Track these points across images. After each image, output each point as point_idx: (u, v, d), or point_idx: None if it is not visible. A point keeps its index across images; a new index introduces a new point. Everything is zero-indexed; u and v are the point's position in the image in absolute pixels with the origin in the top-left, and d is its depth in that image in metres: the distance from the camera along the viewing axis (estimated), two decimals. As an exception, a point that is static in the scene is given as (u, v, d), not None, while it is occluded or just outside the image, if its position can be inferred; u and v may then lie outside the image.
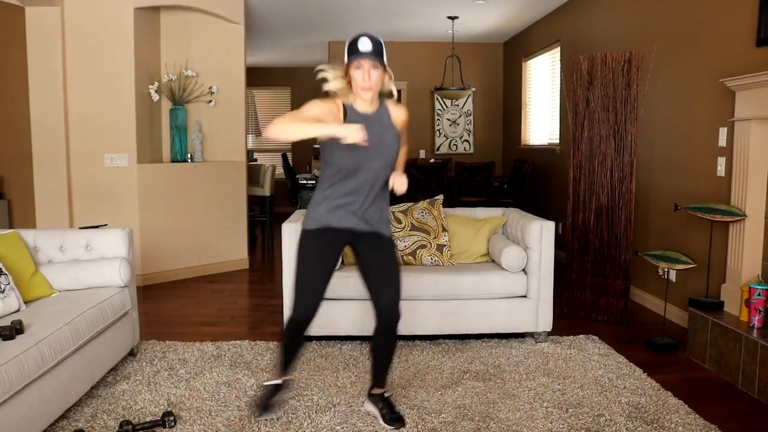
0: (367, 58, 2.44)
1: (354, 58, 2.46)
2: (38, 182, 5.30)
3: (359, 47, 2.44)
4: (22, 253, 3.23)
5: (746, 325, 3.41)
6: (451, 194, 7.12)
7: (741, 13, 3.73)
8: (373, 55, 2.44)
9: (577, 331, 4.18)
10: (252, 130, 11.20)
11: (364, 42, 2.45)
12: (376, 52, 2.46)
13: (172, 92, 5.78)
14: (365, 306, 3.75)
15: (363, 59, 2.45)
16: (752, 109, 3.56)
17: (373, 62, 2.46)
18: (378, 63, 2.47)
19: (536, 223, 3.86)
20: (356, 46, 2.45)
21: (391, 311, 2.68)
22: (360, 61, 2.45)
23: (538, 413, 2.93)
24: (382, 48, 2.49)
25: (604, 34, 5.66)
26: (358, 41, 2.46)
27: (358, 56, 2.45)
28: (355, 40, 2.47)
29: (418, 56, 8.95)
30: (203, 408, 2.97)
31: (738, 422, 2.90)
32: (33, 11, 5.15)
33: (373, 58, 2.44)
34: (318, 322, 3.72)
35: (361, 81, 2.47)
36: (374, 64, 2.46)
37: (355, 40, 2.47)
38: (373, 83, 2.49)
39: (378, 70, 2.48)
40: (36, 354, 2.50)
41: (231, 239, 6.14)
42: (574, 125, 4.58)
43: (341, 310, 3.74)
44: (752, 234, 3.62)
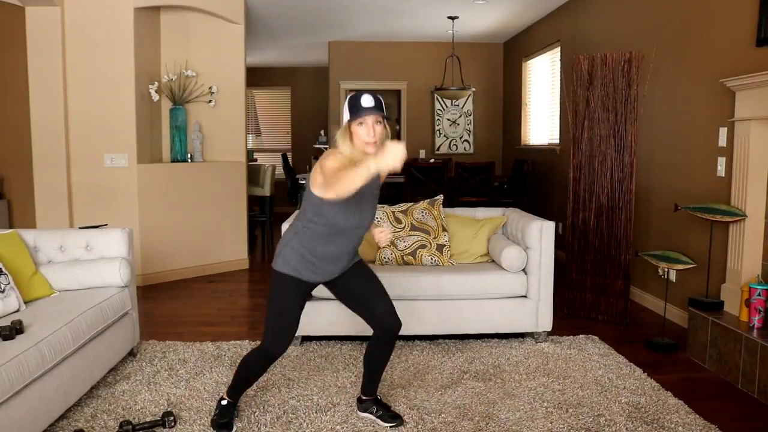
0: (371, 114, 2.42)
1: (357, 114, 2.42)
2: (38, 182, 5.30)
3: (362, 104, 2.42)
4: (22, 253, 3.23)
5: (746, 325, 3.41)
6: (451, 194, 7.12)
7: (741, 14, 3.73)
8: (376, 110, 2.42)
9: (577, 331, 4.18)
10: (252, 130, 11.21)
11: (366, 99, 2.43)
12: (379, 107, 2.44)
13: (172, 92, 5.78)
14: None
15: (367, 115, 2.42)
16: (752, 109, 3.56)
17: (377, 117, 2.43)
18: (380, 117, 2.45)
19: (536, 223, 3.86)
20: (359, 103, 2.43)
21: (391, 318, 2.70)
22: (364, 117, 2.42)
23: (538, 413, 2.93)
24: (383, 104, 2.48)
25: (604, 34, 5.66)
26: (361, 98, 2.43)
27: (361, 112, 2.41)
28: (357, 97, 2.45)
29: (418, 56, 8.95)
30: (203, 408, 2.97)
31: (738, 422, 2.90)
32: (33, 11, 5.15)
33: (376, 113, 2.42)
34: (318, 323, 3.76)
35: (365, 136, 2.43)
36: (377, 119, 2.44)
37: (357, 97, 2.45)
38: (377, 138, 2.45)
39: (380, 125, 2.46)
40: (36, 354, 2.50)
41: (231, 239, 6.14)
42: (574, 125, 4.58)
43: (341, 310, 3.73)
44: (752, 234, 3.62)
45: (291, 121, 11.42)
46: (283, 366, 3.51)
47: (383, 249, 4.06)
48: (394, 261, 4.06)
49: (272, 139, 11.55)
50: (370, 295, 2.72)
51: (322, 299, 3.76)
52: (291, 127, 11.41)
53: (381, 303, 2.70)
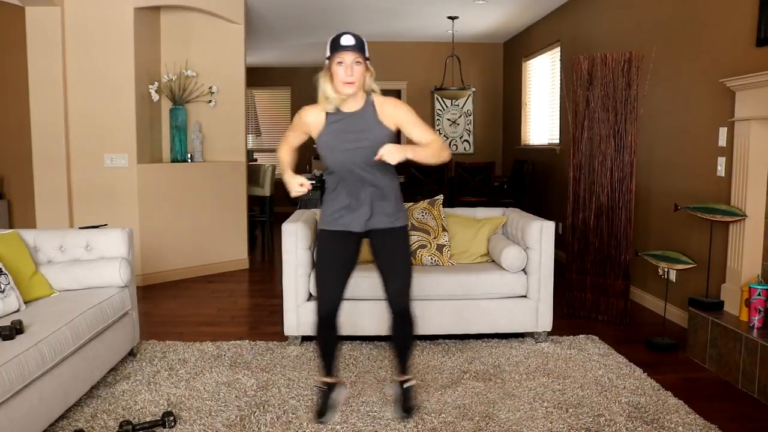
0: (350, 52, 2.41)
1: (336, 52, 2.42)
2: (38, 182, 5.30)
3: (341, 42, 2.42)
4: (22, 253, 3.23)
5: (746, 325, 3.41)
6: (451, 194, 7.12)
7: (741, 13, 3.73)
8: (355, 48, 2.41)
9: (577, 331, 4.18)
10: (252, 130, 11.20)
11: (346, 37, 2.43)
12: (358, 46, 2.43)
13: (172, 92, 5.78)
14: (364, 306, 3.76)
15: (345, 53, 2.41)
16: (752, 109, 3.56)
17: (356, 56, 2.42)
18: (360, 57, 2.43)
19: (536, 223, 3.86)
20: (338, 42, 2.42)
21: (398, 300, 2.70)
22: (342, 54, 2.42)
23: (538, 413, 2.93)
24: (364, 44, 2.47)
25: (604, 34, 5.66)
26: (341, 37, 2.43)
27: (340, 50, 2.41)
28: (337, 36, 2.45)
29: (418, 56, 8.95)
30: (203, 408, 2.97)
31: (738, 422, 2.90)
32: (33, 11, 5.15)
33: (355, 51, 2.41)
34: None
35: (343, 76, 2.43)
36: (356, 58, 2.43)
37: (337, 36, 2.45)
38: (355, 78, 2.45)
39: (360, 65, 2.45)
40: (36, 354, 2.50)
41: (231, 239, 6.14)
42: (574, 125, 4.58)
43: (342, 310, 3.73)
44: (752, 234, 3.62)
45: (291, 121, 11.38)
46: (283, 366, 3.51)
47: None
48: (394, 261, 4.05)
49: (272, 139, 11.55)
50: (388, 270, 2.69)
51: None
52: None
53: (393, 281, 2.68)
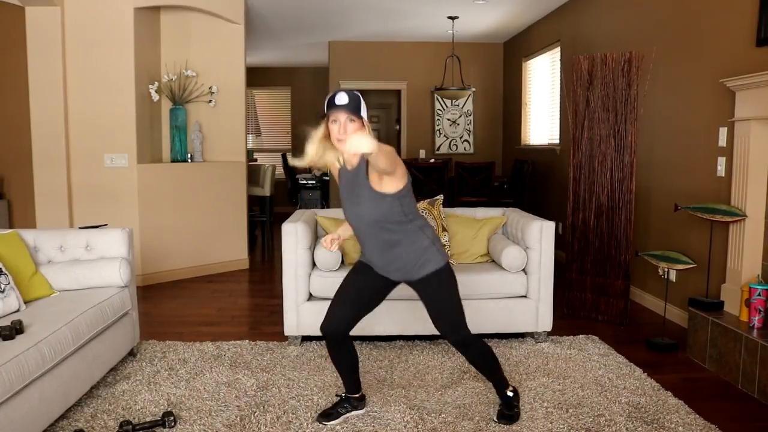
0: (343, 111, 2.43)
1: (331, 111, 2.46)
2: (38, 182, 5.30)
3: (336, 101, 2.45)
4: (22, 253, 3.23)
5: (746, 325, 3.41)
6: (451, 194, 7.12)
7: (741, 13, 3.73)
8: (348, 108, 2.43)
9: (577, 331, 4.18)
10: (252, 130, 11.21)
11: (340, 96, 2.46)
12: (353, 106, 2.45)
13: (172, 92, 5.78)
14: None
15: (339, 112, 2.44)
16: (752, 109, 3.56)
17: (349, 115, 2.44)
18: (354, 116, 2.45)
19: (536, 223, 3.86)
20: (333, 100, 2.46)
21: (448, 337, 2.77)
22: (336, 114, 2.45)
23: (538, 413, 2.93)
24: (360, 102, 2.49)
25: (604, 34, 5.66)
26: (336, 96, 2.47)
27: (334, 110, 2.45)
28: (333, 94, 2.49)
29: (418, 56, 8.95)
30: (203, 408, 2.97)
31: (738, 422, 2.90)
32: (33, 11, 5.15)
33: (348, 111, 2.43)
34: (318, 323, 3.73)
35: (335, 133, 2.46)
36: (350, 117, 2.45)
37: (333, 94, 2.49)
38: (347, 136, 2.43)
39: (354, 123, 2.46)
40: (36, 354, 2.50)
41: (231, 239, 6.14)
42: (574, 125, 4.58)
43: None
44: (752, 234, 3.62)
45: (291, 121, 11.42)
46: (283, 366, 3.51)
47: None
48: (394, 261, 4.05)
49: (272, 139, 11.55)
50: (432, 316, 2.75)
51: (322, 299, 3.76)
52: (291, 127, 11.41)
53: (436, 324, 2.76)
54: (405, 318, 3.74)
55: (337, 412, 2.87)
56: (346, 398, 2.91)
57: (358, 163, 2.58)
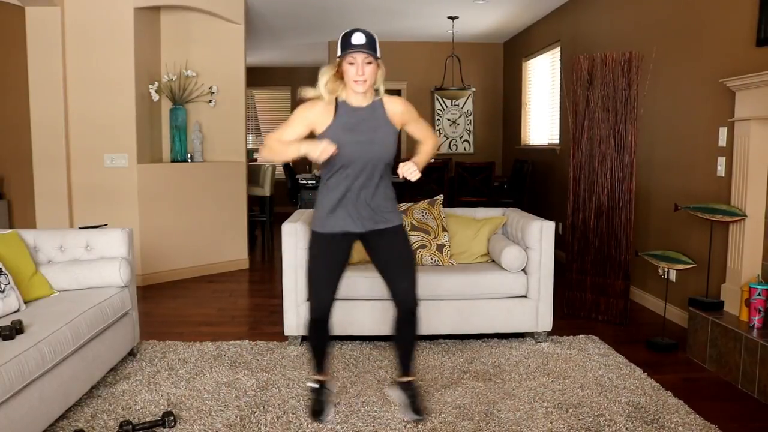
0: (361, 52, 2.42)
1: (347, 52, 2.43)
2: (38, 182, 5.30)
3: (352, 41, 2.42)
4: (22, 253, 3.23)
5: (746, 325, 3.41)
6: (451, 194, 7.12)
7: (741, 13, 3.73)
8: (366, 48, 2.42)
9: (577, 331, 4.18)
10: (252, 130, 11.21)
11: (357, 36, 2.42)
12: (370, 45, 2.43)
13: (172, 92, 5.78)
14: (364, 306, 3.76)
15: (356, 53, 2.42)
16: (752, 109, 3.56)
17: (367, 56, 2.43)
18: (371, 57, 2.44)
19: (536, 223, 3.86)
20: (349, 40, 2.43)
21: (407, 299, 2.69)
22: (354, 55, 2.43)
23: (538, 413, 2.93)
24: (376, 42, 2.47)
25: (604, 34, 5.66)
26: (352, 35, 2.43)
27: (351, 50, 2.42)
28: (349, 34, 2.45)
29: (418, 56, 8.95)
30: (203, 408, 2.97)
31: (738, 422, 2.90)
32: (33, 11, 5.15)
33: (366, 51, 2.42)
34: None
35: (354, 74, 2.45)
36: (367, 58, 2.44)
37: (349, 34, 2.45)
38: (366, 77, 2.47)
39: (372, 64, 2.47)
40: (36, 354, 2.50)
41: (231, 239, 6.14)
42: (574, 125, 4.58)
43: (341, 310, 3.73)
44: (752, 234, 3.62)
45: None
46: (283, 366, 3.51)
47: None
48: (394, 261, 4.05)
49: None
50: (393, 268, 2.68)
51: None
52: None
53: (401, 279, 2.67)
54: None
55: (323, 401, 2.85)
56: (321, 385, 2.87)
57: (372, 102, 2.60)
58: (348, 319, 3.75)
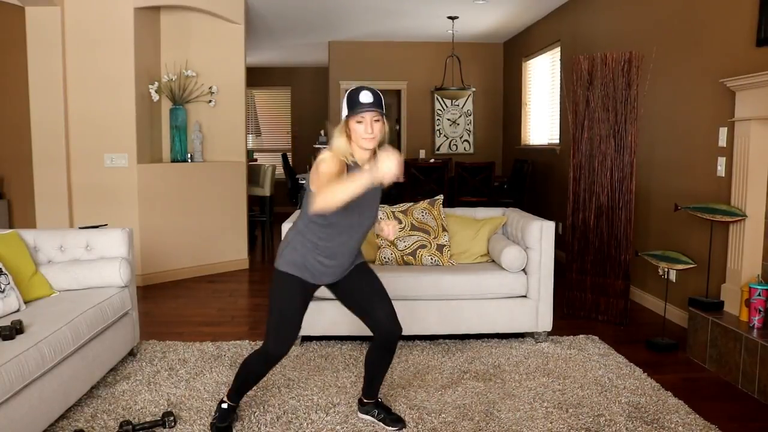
0: (369, 111, 2.39)
1: (356, 111, 2.39)
2: (38, 182, 5.30)
3: (361, 99, 2.39)
4: (22, 253, 3.23)
5: (746, 325, 3.41)
6: (451, 194, 7.12)
7: (741, 13, 3.73)
8: (375, 106, 2.39)
9: (577, 331, 4.18)
10: (252, 130, 11.21)
11: (365, 95, 2.39)
12: (377, 104, 2.41)
13: (172, 92, 5.78)
14: (365, 306, 3.76)
15: (365, 112, 2.39)
16: (752, 109, 3.56)
17: (375, 115, 2.40)
18: (379, 115, 2.42)
19: (536, 223, 3.86)
20: (357, 99, 2.40)
21: (391, 324, 2.66)
22: (363, 114, 2.39)
23: (538, 413, 2.93)
24: (382, 100, 2.45)
25: (604, 34, 5.66)
26: (359, 94, 2.40)
27: (359, 108, 2.38)
28: (355, 92, 2.42)
29: (418, 56, 8.95)
30: (203, 408, 2.97)
31: (738, 422, 2.90)
32: (33, 11, 5.15)
33: (375, 110, 2.39)
34: (318, 323, 3.76)
35: (363, 132, 2.40)
36: (376, 116, 2.41)
37: (355, 92, 2.42)
38: (375, 134, 2.42)
39: (379, 122, 2.43)
40: (36, 354, 2.50)
41: (231, 239, 6.14)
42: (574, 125, 4.58)
43: (341, 310, 3.73)
44: (752, 234, 3.62)
45: (291, 121, 11.42)
46: (283, 366, 3.51)
47: (383, 249, 4.06)
48: (394, 261, 4.06)
49: (272, 139, 11.55)
50: (371, 299, 2.67)
51: (322, 299, 3.75)
52: (291, 127, 11.41)
53: (381, 307, 2.66)
54: (404, 318, 3.72)
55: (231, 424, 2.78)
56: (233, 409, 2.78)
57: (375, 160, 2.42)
58: (348, 320, 3.74)
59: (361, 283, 2.69)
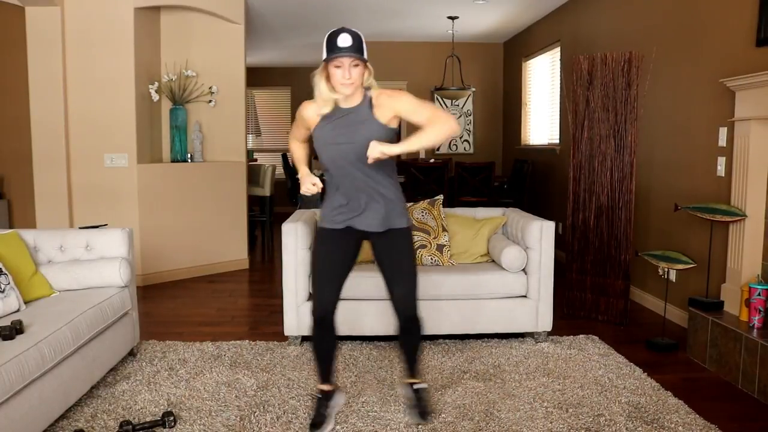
0: (347, 55, 2.33)
1: (333, 55, 2.34)
2: (38, 182, 5.30)
3: (338, 43, 2.33)
4: (22, 253, 3.23)
5: (746, 325, 3.41)
6: (451, 194, 7.12)
7: (741, 13, 3.73)
8: (353, 51, 2.33)
9: (577, 331, 4.18)
10: (252, 130, 11.20)
11: (343, 38, 2.33)
12: (357, 48, 2.34)
13: (172, 92, 5.78)
14: (365, 306, 3.76)
15: (343, 56, 2.34)
16: (752, 109, 3.56)
17: (353, 59, 2.35)
18: (358, 60, 2.36)
19: (536, 223, 3.86)
20: (335, 42, 2.33)
21: (403, 306, 2.63)
22: (340, 59, 2.35)
23: (538, 413, 2.93)
24: (363, 43, 2.38)
25: (604, 34, 5.66)
26: (338, 37, 2.34)
27: (337, 53, 2.33)
28: (334, 35, 2.35)
29: (418, 56, 8.95)
30: (203, 408, 2.97)
31: (738, 422, 2.90)
32: (33, 11, 5.15)
33: (353, 54, 2.33)
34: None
35: (340, 78, 2.37)
36: (354, 61, 2.36)
37: (334, 35, 2.35)
38: (353, 79, 2.39)
39: (359, 66, 2.38)
40: (36, 354, 2.50)
41: (231, 239, 6.14)
42: (574, 125, 4.58)
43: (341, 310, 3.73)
44: (752, 234, 3.62)
45: (291, 121, 11.40)
46: (283, 366, 3.51)
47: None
48: (394, 261, 4.05)
49: (272, 139, 11.55)
50: (392, 275, 2.62)
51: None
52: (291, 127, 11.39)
53: (397, 286, 2.61)
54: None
55: (324, 415, 2.75)
56: (323, 396, 2.79)
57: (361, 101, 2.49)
58: (349, 319, 3.74)
59: (390, 254, 2.62)
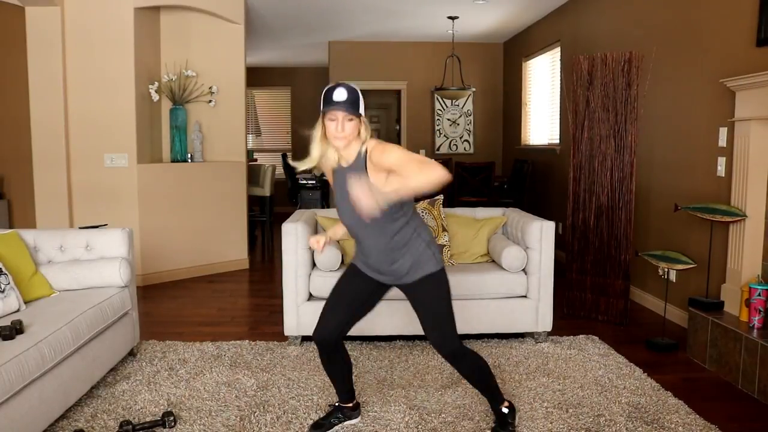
0: (341, 110, 2.35)
1: (328, 108, 2.37)
2: (38, 182, 5.30)
3: (334, 97, 2.36)
4: (22, 253, 3.23)
5: (746, 325, 3.41)
6: (451, 194, 7.12)
7: (741, 13, 3.73)
8: (347, 104, 2.35)
9: (577, 331, 4.18)
10: (252, 130, 11.21)
11: (339, 92, 2.36)
12: (352, 103, 2.37)
13: (172, 92, 5.78)
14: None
15: (337, 110, 2.36)
16: (752, 109, 3.56)
17: (347, 114, 2.36)
18: (353, 115, 2.38)
19: (536, 223, 3.86)
20: (331, 97, 2.37)
21: (438, 347, 2.64)
22: (335, 112, 2.37)
23: (538, 413, 2.93)
24: (359, 98, 2.41)
25: (604, 34, 5.66)
26: (334, 92, 2.37)
27: (332, 107, 2.36)
28: (331, 90, 2.39)
29: (418, 56, 8.95)
30: (203, 408, 2.97)
31: (738, 422, 2.90)
32: (33, 11, 5.15)
33: (346, 109, 2.35)
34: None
35: (334, 131, 2.39)
36: (348, 116, 2.37)
37: (331, 90, 2.39)
38: (346, 134, 2.39)
39: (353, 121, 2.39)
40: (36, 354, 2.50)
41: (231, 239, 6.14)
42: (574, 125, 4.58)
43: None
44: (752, 234, 3.62)
45: (291, 121, 11.42)
46: (283, 366, 3.51)
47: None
48: (394, 261, 4.05)
49: (272, 139, 11.55)
50: (421, 320, 2.65)
51: (322, 299, 3.75)
52: (291, 127, 11.41)
53: (427, 331, 2.64)
54: (405, 318, 3.74)
55: (330, 423, 2.78)
56: (338, 407, 2.82)
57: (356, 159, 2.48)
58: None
59: (415, 304, 2.64)
